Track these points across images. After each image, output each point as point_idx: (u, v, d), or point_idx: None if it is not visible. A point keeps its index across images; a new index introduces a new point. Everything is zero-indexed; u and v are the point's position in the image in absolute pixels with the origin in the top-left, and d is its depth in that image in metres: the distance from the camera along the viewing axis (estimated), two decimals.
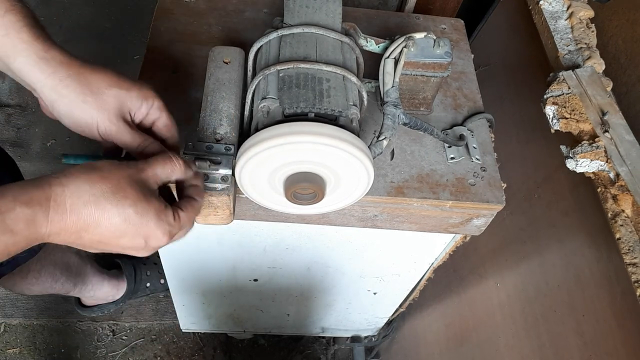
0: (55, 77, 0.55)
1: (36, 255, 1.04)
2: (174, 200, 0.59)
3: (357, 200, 0.69)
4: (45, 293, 1.26)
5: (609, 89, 0.79)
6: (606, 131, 0.73)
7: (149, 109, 0.61)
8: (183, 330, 1.48)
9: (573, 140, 0.76)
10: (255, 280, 1.09)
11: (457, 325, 1.13)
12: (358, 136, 0.61)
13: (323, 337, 1.63)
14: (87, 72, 0.57)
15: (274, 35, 0.68)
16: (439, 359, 1.20)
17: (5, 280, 1.11)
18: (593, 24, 0.89)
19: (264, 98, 0.62)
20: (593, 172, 0.72)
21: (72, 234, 0.47)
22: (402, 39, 0.71)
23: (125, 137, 0.58)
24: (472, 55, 0.91)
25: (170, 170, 0.55)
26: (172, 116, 0.63)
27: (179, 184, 0.59)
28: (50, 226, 0.45)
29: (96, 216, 0.47)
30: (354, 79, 0.65)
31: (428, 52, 0.73)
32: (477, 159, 0.78)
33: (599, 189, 0.70)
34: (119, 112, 0.58)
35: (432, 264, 1.02)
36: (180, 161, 0.56)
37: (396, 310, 1.32)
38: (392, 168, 0.76)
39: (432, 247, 0.94)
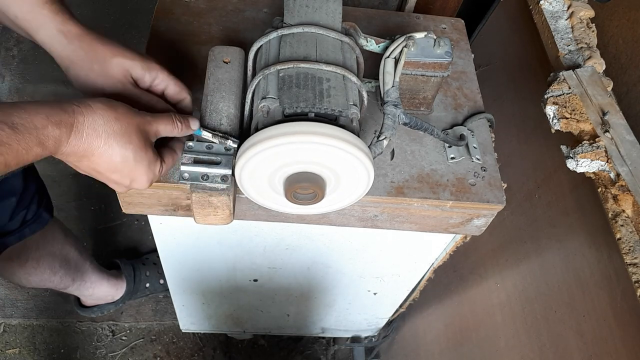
0: (69, 48, 0.62)
1: (25, 239, 1.06)
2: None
3: (357, 200, 0.69)
4: (44, 286, 1.26)
5: (609, 88, 0.79)
6: (607, 131, 0.73)
7: (153, 80, 0.66)
8: (183, 331, 1.48)
9: (573, 140, 0.76)
10: (255, 280, 1.09)
11: (457, 325, 1.13)
12: (358, 136, 0.61)
13: (323, 338, 1.63)
14: (97, 44, 0.63)
15: (274, 34, 0.68)
16: (439, 359, 1.20)
17: (4, 268, 1.12)
18: (593, 24, 0.88)
19: (264, 98, 0.62)
20: (593, 172, 0.72)
21: (78, 157, 0.55)
22: (403, 38, 0.71)
23: (132, 96, 0.64)
24: (473, 55, 0.91)
25: (170, 129, 0.62)
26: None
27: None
28: (67, 147, 0.53)
29: (102, 150, 0.55)
30: (354, 78, 0.65)
31: (428, 51, 0.73)
32: (477, 158, 0.77)
33: (599, 189, 0.70)
34: (124, 77, 0.64)
35: (433, 264, 1.02)
36: (179, 123, 0.62)
37: (396, 311, 1.32)
38: (392, 168, 0.76)
39: (433, 247, 0.94)
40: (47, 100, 0.53)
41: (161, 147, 0.64)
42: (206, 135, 0.65)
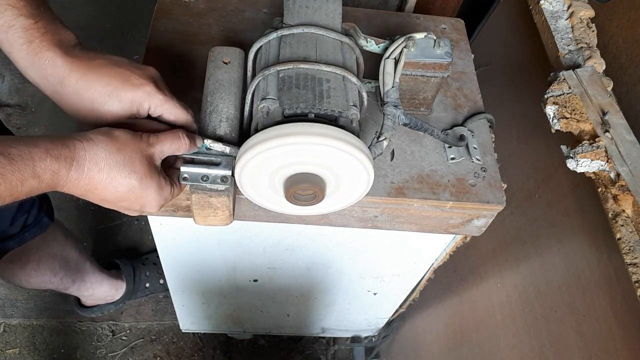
0: (59, 93, 0.60)
1: (26, 244, 1.06)
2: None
3: (357, 201, 0.69)
4: (44, 287, 1.27)
5: (609, 88, 0.79)
6: (607, 131, 0.73)
7: (148, 111, 0.63)
8: (183, 331, 1.48)
9: (573, 140, 0.75)
10: (255, 280, 1.09)
11: (457, 325, 1.13)
12: (358, 137, 0.61)
13: (323, 338, 1.63)
14: (85, 85, 0.59)
15: (273, 35, 0.68)
16: (439, 359, 1.20)
17: (4, 270, 1.12)
18: (593, 24, 0.88)
19: (263, 98, 0.62)
20: (594, 172, 0.72)
21: (82, 191, 0.54)
22: (402, 39, 0.71)
23: (136, 128, 0.62)
24: (473, 55, 0.91)
25: (176, 147, 0.61)
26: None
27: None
28: (67, 181, 0.52)
29: (106, 182, 0.55)
30: (354, 79, 0.65)
31: (428, 52, 0.73)
32: (477, 159, 0.77)
33: (599, 189, 0.70)
34: (122, 117, 0.61)
35: (432, 264, 1.02)
36: (187, 140, 0.61)
37: (396, 311, 1.32)
38: (392, 168, 0.76)
39: (432, 248, 0.93)
40: (50, 134, 0.52)
41: (169, 168, 0.64)
42: (213, 146, 0.64)
